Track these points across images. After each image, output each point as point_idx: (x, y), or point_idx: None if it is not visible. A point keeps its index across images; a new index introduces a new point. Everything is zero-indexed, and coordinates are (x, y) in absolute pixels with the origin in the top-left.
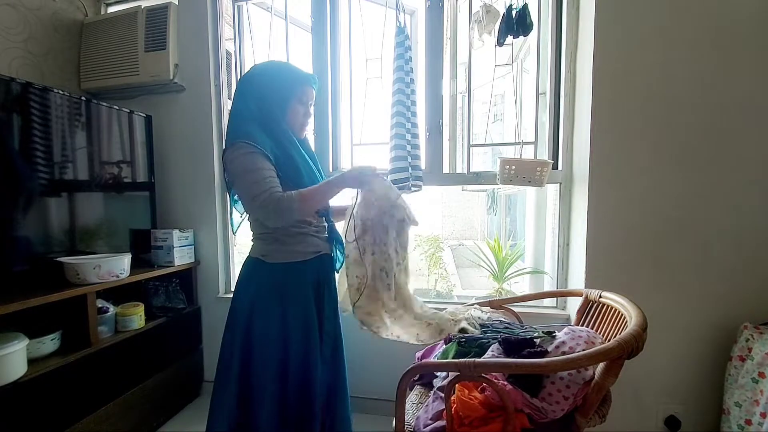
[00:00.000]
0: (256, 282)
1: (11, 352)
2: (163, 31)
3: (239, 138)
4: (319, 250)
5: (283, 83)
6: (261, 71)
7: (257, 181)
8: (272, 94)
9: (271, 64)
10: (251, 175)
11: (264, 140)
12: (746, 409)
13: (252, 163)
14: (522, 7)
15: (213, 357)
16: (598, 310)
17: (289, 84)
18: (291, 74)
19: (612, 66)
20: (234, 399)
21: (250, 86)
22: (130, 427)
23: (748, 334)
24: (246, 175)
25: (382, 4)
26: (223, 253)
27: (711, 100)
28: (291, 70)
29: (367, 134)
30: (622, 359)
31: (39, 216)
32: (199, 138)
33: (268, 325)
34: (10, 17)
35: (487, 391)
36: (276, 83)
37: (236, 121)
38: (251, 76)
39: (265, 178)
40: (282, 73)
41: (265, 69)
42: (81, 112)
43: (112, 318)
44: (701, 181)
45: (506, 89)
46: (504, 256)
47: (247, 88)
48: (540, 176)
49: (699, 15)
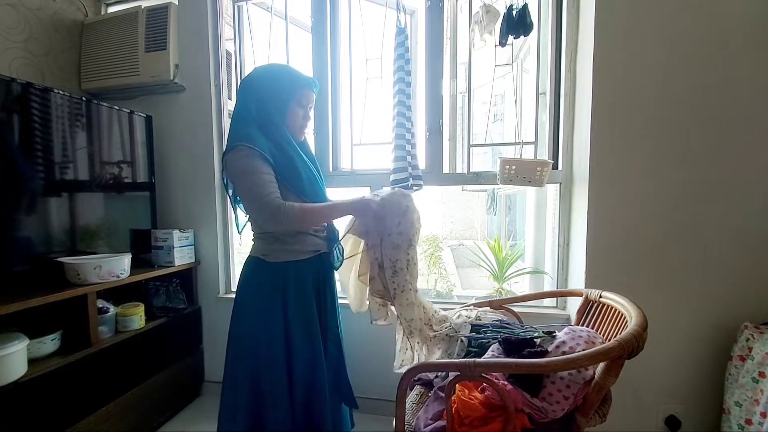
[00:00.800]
0: (258, 281)
1: (11, 352)
2: (163, 31)
3: (239, 140)
4: (318, 249)
5: (282, 86)
6: (260, 74)
7: (258, 184)
8: (271, 97)
9: (271, 67)
10: (252, 177)
11: (264, 143)
12: (746, 409)
13: (252, 166)
14: (522, 7)
15: (213, 357)
16: (598, 310)
17: (288, 87)
18: (290, 77)
19: (612, 66)
20: (244, 399)
21: (249, 89)
22: (131, 427)
23: (749, 333)
24: (246, 177)
25: (382, 4)
26: (223, 253)
27: (711, 100)
28: (290, 73)
29: (367, 134)
30: (622, 359)
31: (39, 216)
32: (199, 138)
33: (272, 325)
34: (10, 17)
35: (488, 391)
36: (275, 86)
37: (237, 124)
38: (251, 79)
39: (266, 182)
40: (281, 76)
41: (264, 72)
42: (81, 112)
43: (112, 318)
44: (701, 181)
45: (506, 89)
46: (504, 256)
47: (247, 91)
48: (540, 176)
49: (699, 15)
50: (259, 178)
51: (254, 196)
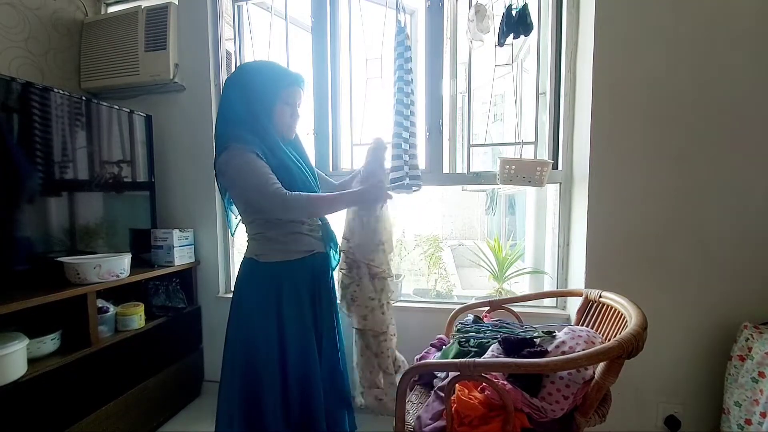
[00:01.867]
0: (252, 282)
1: (11, 352)
2: (163, 31)
3: (231, 141)
4: (313, 249)
5: (267, 85)
6: (245, 72)
7: (260, 175)
8: (257, 96)
9: (255, 66)
10: (252, 171)
11: (255, 142)
12: (746, 409)
13: (249, 161)
14: (522, 7)
15: (213, 357)
16: (598, 310)
17: (273, 86)
18: (275, 76)
19: (612, 66)
20: (241, 401)
21: (234, 89)
22: (130, 427)
23: (748, 333)
24: (246, 173)
25: (382, 4)
26: (223, 252)
27: (711, 100)
28: (275, 71)
29: (367, 134)
30: (622, 359)
31: (39, 216)
32: (199, 138)
33: (266, 325)
34: (10, 17)
35: (487, 391)
36: (260, 86)
37: (225, 126)
38: (236, 78)
39: (266, 173)
40: (266, 74)
41: (249, 70)
42: (81, 111)
43: (112, 318)
44: (701, 181)
45: (506, 89)
46: (504, 256)
47: (233, 90)
48: (540, 176)
49: (699, 14)
50: (259, 170)
51: (259, 187)
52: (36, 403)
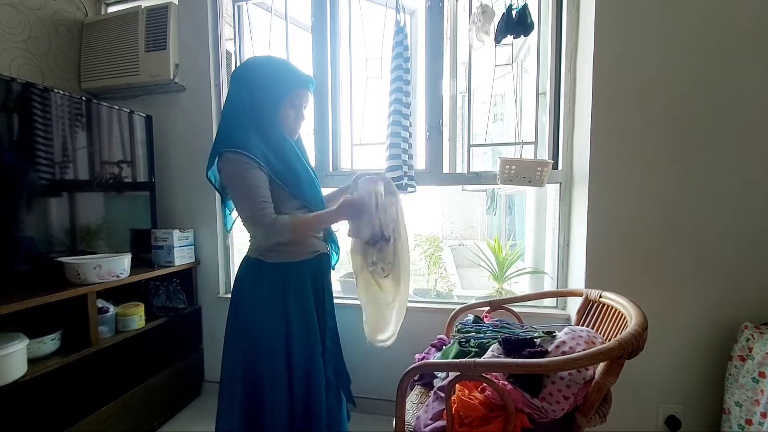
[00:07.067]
0: (257, 282)
1: (11, 352)
2: (163, 31)
3: (233, 146)
4: (317, 249)
5: (275, 85)
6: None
7: (249, 196)
8: (265, 92)
9: (266, 61)
10: (243, 190)
11: (258, 147)
12: (747, 409)
13: (243, 178)
14: (522, 7)
15: (213, 357)
16: (598, 310)
17: (281, 86)
18: (284, 76)
19: (612, 66)
20: (242, 400)
21: (243, 80)
22: (130, 427)
23: (749, 333)
24: (237, 189)
25: (382, 4)
26: (223, 253)
27: (711, 100)
28: (286, 70)
29: (367, 134)
30: (622, 359)
31: (40, 216)
32: (199, 138)
33: (272, 324)
34: (10, 17)
35: (488, 391)
36: (269, 81)
37: (229, 120)
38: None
39: (257, 196)
40: (275, 72)
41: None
42: (81, 112)
43: (112, 318)
44: (701, 181)
45: (506, 89)
46: (504, 256)
47: (240, 81)
48: (540, 176)
49: (699, 14)
50: (250, 191)
51: (246, 209)
52: (36, 403)
